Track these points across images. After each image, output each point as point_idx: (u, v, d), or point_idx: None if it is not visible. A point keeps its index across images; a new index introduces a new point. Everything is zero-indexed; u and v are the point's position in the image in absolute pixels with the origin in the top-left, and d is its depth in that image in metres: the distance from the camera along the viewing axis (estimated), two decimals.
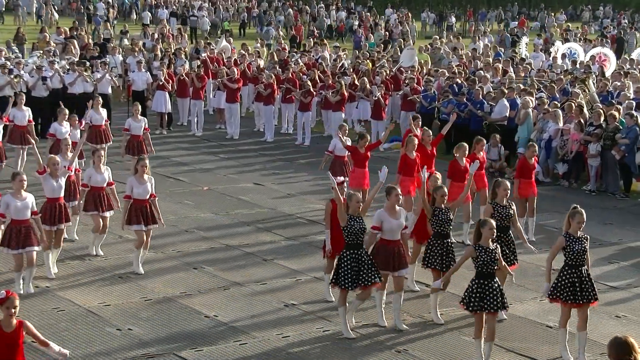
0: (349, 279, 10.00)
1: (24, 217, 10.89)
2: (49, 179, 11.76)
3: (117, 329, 10.19)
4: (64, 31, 30.24)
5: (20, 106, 16.92)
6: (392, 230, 10.28)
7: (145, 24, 43.52)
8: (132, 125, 16.72)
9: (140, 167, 12.03)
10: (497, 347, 10.21)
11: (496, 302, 9.32)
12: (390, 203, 10.28)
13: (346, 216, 10.03)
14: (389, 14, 49.82)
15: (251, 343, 10.02)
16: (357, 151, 14.58)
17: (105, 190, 12.49)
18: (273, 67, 23.74)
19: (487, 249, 9.27)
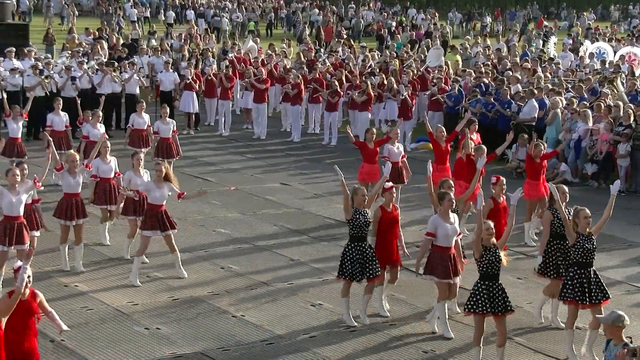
0: (356, 271, 10.28)
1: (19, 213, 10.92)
2: (67, 175, 11.92)
3: (145, 328, 10.25)
4: (92, 32, 30.48)
5: (57, 111, 16.76)
6: (447, 236, 10.10)
7: (170, 24, 43.83)
8: (160, 128, 16.66)
9: (135, 160, 12.29)
10: (525, 348, 10.17)
11: (502, 304, 9.24)
12: (444, 208, 10.13)
13: (352, 209, 10.28)
14: (413, 14, 49.67)
15: (278, 343, 10.04)
16: (367, 146, 14.82)
17: (144, 194, 12.24)
18: (300, 67, 23.76)
19: (490, 249, 9.20)
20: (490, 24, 49.88)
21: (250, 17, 46.62)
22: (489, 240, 9.19)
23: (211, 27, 42.47)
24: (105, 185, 12.91)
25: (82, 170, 12.14)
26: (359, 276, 10.33)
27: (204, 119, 23.26)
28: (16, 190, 10.81)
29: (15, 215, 10.83)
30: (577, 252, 9.59)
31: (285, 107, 22.55)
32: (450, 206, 10.15)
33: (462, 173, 13.90)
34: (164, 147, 16.64)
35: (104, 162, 12.91)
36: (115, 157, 13.47)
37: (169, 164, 15.90)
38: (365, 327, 10.55)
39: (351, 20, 47.36)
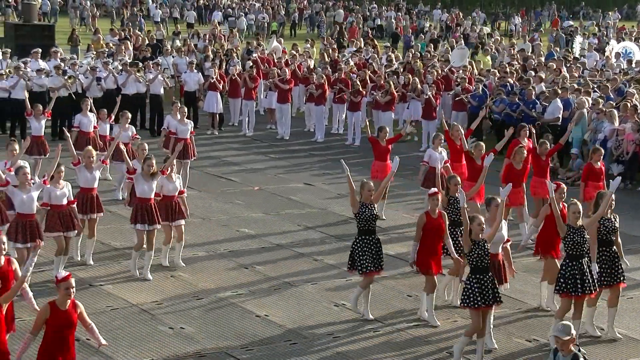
0: (366, 262, 10.43)
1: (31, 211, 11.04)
2: (84, 170, 12.13)
3: (170, 327, 10.29)
4: (118, 33, 30.65)
5: (85, 112, 16.68)
6: (494, 243, 9.82)
7: (190, 24, 43.99)
8: (178, 129, 16.35)
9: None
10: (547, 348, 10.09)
11: (492, 296, 9.42)
12: (491, 215, 9.92)
13: (358, 203, 10.44)
14: (438, 15, 49.52)
15: (301, 343, 10.04)
16: (379, 144, 14.89)
17: (176, 199, 12.25)
18: (324, 68, 23.76)
19: (478, 242, 9.34)
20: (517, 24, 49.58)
21: (276, 19, 46.63)
22: (478, 234, 9.33)
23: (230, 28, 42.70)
24: (167, 203, 12.13)
25: (99, 166, 12.37)
26: (369, 267, 10.49)
27: (228, 119, 23.31)
28: (27, 188, 10.90)
29: (27, 213, 10.93)
30: (567, 244, 9.85)
31: (309, 107, 22.55)
32: (496, 211, 9.84)
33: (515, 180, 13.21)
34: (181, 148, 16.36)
35: (169, 181, 12.21)
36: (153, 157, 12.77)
37: (185, 165, 15.98)
38: (389, 327, 10.52)
39: (374, 20, 47.29)
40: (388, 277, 12.31)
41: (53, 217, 11.35)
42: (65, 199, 11.45)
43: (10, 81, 19.94)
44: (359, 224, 10.56)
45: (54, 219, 11.34)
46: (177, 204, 12.19)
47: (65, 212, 11.43)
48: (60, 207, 11.39)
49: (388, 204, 15.51)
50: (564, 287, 9.81)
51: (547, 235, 10.92)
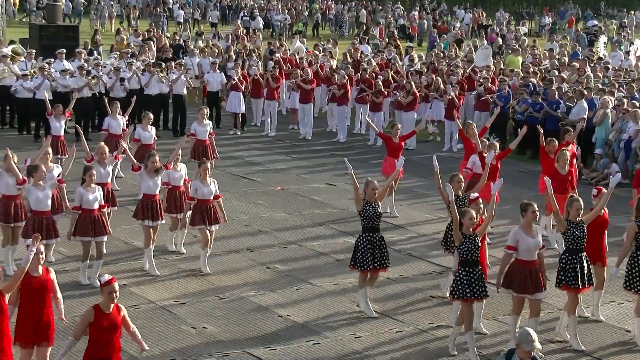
0: (367, 260, 10.57)
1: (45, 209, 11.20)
2: (97, 166, 12.36)
3: (192, 327, 10.33)
4: (141, 33, 30.79)
5: (114, 115, 16.62)
6: (529, 249, 9.67)
7: (214, 24, 44.10)
8: (197, 130, 16.33)
9: (202, 170, 12.04)
10: (575, 352, 10.05)
11: (481, 289, 9.58)
12: (527, 221, 9.68)
13: (362, 201, 10.60)
14: (462, 15, 49.35)
15: (324, 343, 10.05)
16: (391, 141, 15.12)
17: (212, 203, 12.16)
18: (346, 68, 23.76)
19: (469, 236, 9.49)
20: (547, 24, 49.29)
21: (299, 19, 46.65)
22: (469, 228, 9.49)
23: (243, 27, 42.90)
24: (202, 207, 12.09)
25: (111, 161, 12.60)
26: (370, 265, 10.62)
27: (251, 119, 23.36)
28: (42, 186, 11.08)
29: (43, 210, 11.12)
30: (567, 239, 10.07)
31: (332, 107, 22.55)
32: (534, 218, 9.71)
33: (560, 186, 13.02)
34: (200, 149, 16.20)
35: (204, 184, 12.10)
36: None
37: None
38: (411, 327, 10.50)
39: (397, 20, 47.19)
40: (410, 278, 12.30)
41: (84, 222, 11.33)
42: (96, 204, 11.44)
43: (35, 82, 20.09)
44: (362, 221, 10.74)
45: (85, 223, 11.32)
46: (212, 207, 12.07)
47: (96, 217, 11.40)
48: (92, 211, 11.38)
49: (411, 204, 15.50)
50: (563, 280, 10.02)
51: (592, 242, 10.68)
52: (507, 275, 9.78)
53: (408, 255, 13.33)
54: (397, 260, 13.04)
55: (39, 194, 11.06)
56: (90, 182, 11.42)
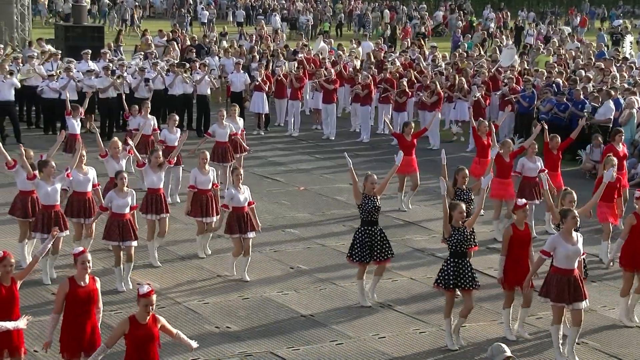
0: (365, 253, 10.78)
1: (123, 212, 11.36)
2: (111, 161, 12.68)
3: (216, 326, 10.36)
4: (165, 34, 30.92)
5: (145, 115, 16.52)
6: (568, 257, 9.41)
7: (240, 23, 44.20)
8: (217, 132, 16.22)
9: (235, 176, 11.99)
10: (599, 352, 9.98)
11: (469, 280, 9.82)
12: (567, 227, 9.44)
13: (361, 195, 10.83)
14: (487, 14, 49.13)
15: (347, 343, 10.04)
16: (404, 138, 15.38)
17: (246, 210, 11.94)
18: (369, 68, 23.73)
19: (459, 229, 9.74)
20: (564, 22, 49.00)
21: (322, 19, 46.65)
22: (458, 221, 9.74)
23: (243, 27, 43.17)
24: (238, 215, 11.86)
25: (124, 155, 12.81)
26: (368, 258, 10.84)
27: (274, 120, 23.39)
28: (51, 181, 11.33)
29: (52, 204, 11.37)
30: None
31: (355, 107, 22.53)
32: (574, 224, 9.45)
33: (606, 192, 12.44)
34: (220, 152, 16.05)
35: (238, 192, 11.89)
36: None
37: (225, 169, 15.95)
38: (434, 328, 10.47)
39: (420, 19, 47.06)
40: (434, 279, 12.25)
41: (112, 226, 11.35)
42: (127, 208, 11.44)
43: (61, 82, 20.24)
44: (361, 215, 10.94)
45: (113, 227, 11.34)
46: (247, 215, 11.90)
47: (125, 221, 11.38)
48: (122, 215, 11.38)
49: (434, 204, 15.46)
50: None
51: (633, 248, 10.63)
52: (546, 284, 9.58)
53: (432, 255, 13.30)
54: (421, 261, 13.03)
55: (48, 189, 11.32)
56: (122, 186, 11.40)
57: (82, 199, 11.93)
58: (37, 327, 9.93)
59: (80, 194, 11.94)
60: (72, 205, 11.95)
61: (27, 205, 11.77)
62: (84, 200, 11.95)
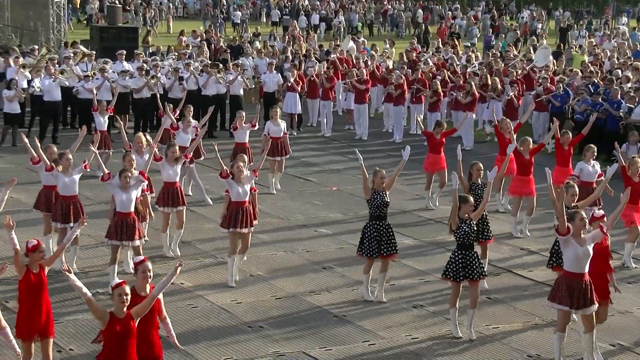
0: (372, 247, 10.94)
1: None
2: (135, 155, 12.85)
3: (249, 326, 10.39)
4: (199, 34, 31.08)
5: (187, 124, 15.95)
6: (578, 259, 9.09)
7: (275, 22, 44.33)
8: (271, 129, 16.39)
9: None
10: (631, 352, 9.87)
11: (476, 271, 9.98)
12: (576, 229, 9.09)
13: (371, 190, 11.04)
14: (525, 16, 48.79)
15: (380, 344, 10.02)
16: (433, 137, 15.59)
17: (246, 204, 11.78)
18: (402, 68, 23.67)
19: (466, 220, 9.95)
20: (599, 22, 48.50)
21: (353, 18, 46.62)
22: (465, 214, 9.95)
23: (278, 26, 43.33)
24: None
25: (148, 150, 12.93)
26: (376, 252, 10.98)
27: (307, 120, 23.43)
28: (69, 172, 11.69)
29: (70, 195, 11.73)
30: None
31: (388, 107, 22.49)
32: (582, 226, 9.12)
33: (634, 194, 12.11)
34: (273, 147, 16.13)
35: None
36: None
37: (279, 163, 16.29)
38: (468, 330, 10.43)
39: (454, 19, 46.86)
40: None
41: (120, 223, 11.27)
42: (131, 205, 11.43)
43: (95, 82, 20.43)
44: (370, 209, 11.12)
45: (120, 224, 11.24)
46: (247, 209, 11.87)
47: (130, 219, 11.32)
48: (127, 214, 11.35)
49: None
50: (557, 261, 10.39)
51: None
52: (555, 289, 9.32)
53: None
54: None
55: (65, 180, 11.71)
56: (126, 184, 11.40)
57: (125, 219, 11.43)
58: (72, 325, 10.04)
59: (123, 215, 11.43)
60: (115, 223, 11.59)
61: (50, 199, 12.08)
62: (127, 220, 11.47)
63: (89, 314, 8.43)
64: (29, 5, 30.73)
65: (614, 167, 11.35)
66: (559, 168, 14.45)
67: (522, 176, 14.16)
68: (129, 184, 11.15)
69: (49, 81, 19.95)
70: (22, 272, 8.35)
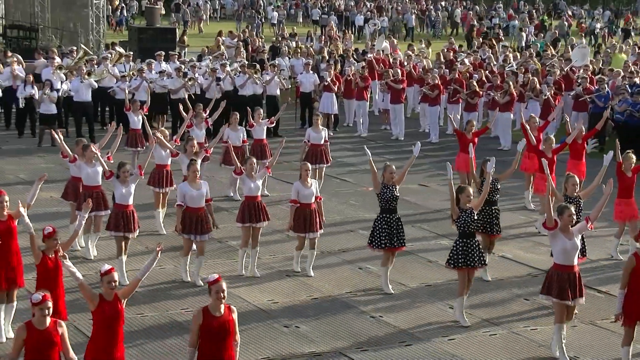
0: (383, 240, 11.25)
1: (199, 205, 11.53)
2: (158, 149, 13.80)
3: (285, 326, 10.40)
4: (236, 35, 31.21)
5: (234, 126, 16.08)
6: (566, 251, 9.33)
7: (315, 20, 44.39)
8: (311, 136, 16.25)
9: (304, 171, 11.97)
10: None
11: (476, 259, 10.36)
12: (564, 224, 9.32)
13: (380, 184, 11.38)
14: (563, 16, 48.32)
15: (417, 345, 9.98)
16: (464, 136, 15.46)
17: (313, 206, 11.94)
18: (439, 68, 23.57)
19: (466, 210, 10.29)
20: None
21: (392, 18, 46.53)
22: (465, 204, 10.31)
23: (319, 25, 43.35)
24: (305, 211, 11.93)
25: (200, 154, 13.31)
26: (387, 245, 11.29)
27: (343, 120, 23.41)
28: (92, 163, 12.31)
29: (93, 185, 12.29)
30: None
31: (424, 107, 22.41)
32: (570, 222, 9.35)
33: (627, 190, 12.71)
34: (311, 154, 16.12)
35: (305, 186, 11.94)
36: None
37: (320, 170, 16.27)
38: (505, 330, 10.35)
39: (491, 19, 46.55)
40: (504, 281, 12.13)
41: (189, 220, 11.41)
42: (203, 201, 11.53)
43: (134, 83, 20.61)
44: (380, 203, 11.44)
45: (190, 221, 11.41)
46: (315, 212, 11.90)
47: (200, 214, 11.45)
48: (198, 209, 11.48)
49: (508, 207, 15.30)
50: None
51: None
52: (547, 281, 9.49)
53: (502, 257, 13.15)
54: (491, 263, 12.88)
55: (89, 170, 12.31)
56: (195, 178, 11.55)
57: (195, 214, 11.50)
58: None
59: (193, 209, 11.50)
60: (184, 219, 11.50)
61: (77, 189, 12.65)
62: (197, 215, 11.51)
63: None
64: (68, 7, 31.10)
65: (610, 155, 11.72)
66: (572, 161, 14.94)
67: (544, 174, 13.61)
68: (128, 178, 11.64)
69: (79, 82, 20.20)
70: (39, 257, 8.94)
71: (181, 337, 9.87)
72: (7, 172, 17.55)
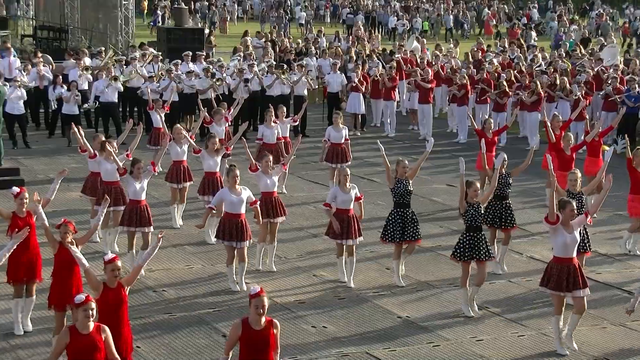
0: (396, 234, 11.44)
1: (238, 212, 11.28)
2: (174, 145, 13.97)
3: (312, 326, 10.40)
4: (264, 35, 31.25)
5: (269, 123, 16.13)
6: (566, 245, 9.48)
7: (344, 20, 44.38)
8: (332, 135, 16.28)
9: (342, 177, 11.68)
10: None
11: (484, 252, 10.53)
12: (565, 218, 9.48)
13: (394, 179, 11.56)
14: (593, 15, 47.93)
15: (444, 345, 9.94)
16: (485, 135, 15.17)
17: (352, 211, 11.61)
18: (467, 68, 23.46)
19: (474, 204, 10.52)
20: None
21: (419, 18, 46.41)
22: (472, 198, 10.52)
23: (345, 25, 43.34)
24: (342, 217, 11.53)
25: (185, 140, 13.76)
26: (399, 238, 11.47)
27: (370, 120, 23.38)
28: (111, 159, 12.41)
29: (112, 180, 12.47)
30: None
31: (452, 107, 22.31)
32: (571, 216, 9.48)
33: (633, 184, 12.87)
34: (333, 153, 16.14)
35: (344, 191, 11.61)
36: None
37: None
38: (533, 331, 10.28)
39: (520, 19, 46.27)
40: (533, 282, 12.03)
41: (229, 226, 11.24)
42: (243, 207, 11.30)
43: (162, 83, 20.71)
44: (394, 197, 11.63)
45: (230, 228, 11.23)
46: (353, 218, 11.59)
47: (240, 220, 11.30)
48: (238, 215, 11.27)
49: (528, 205, 15.19)
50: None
51: None
52: (545, 274, 9.69)
53: (531, 258, 13.06)
54: (519, 264, 12.82)
55: (108, 166, 12.50)
56: (234, 184, 11.25)
57: (235, 220, 11.25)
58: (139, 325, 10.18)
59: (233, 215, 11.29)
60: (224, 226, 11.32)
61: (96, 185, 12.91)
62: (236, 221, 11.26)
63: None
64: (98, 8, 31.32)
65: (610, 150, 11.89)
66: (590, 158, 15.15)
67: (563, 172, 13.43)
68: (141, 174, 11.75)
69: (105, 83, 20.34)
70: (56, 247, 9.09)
71: (210, 337, 9.91)
72: (38, 171, 17.72)
